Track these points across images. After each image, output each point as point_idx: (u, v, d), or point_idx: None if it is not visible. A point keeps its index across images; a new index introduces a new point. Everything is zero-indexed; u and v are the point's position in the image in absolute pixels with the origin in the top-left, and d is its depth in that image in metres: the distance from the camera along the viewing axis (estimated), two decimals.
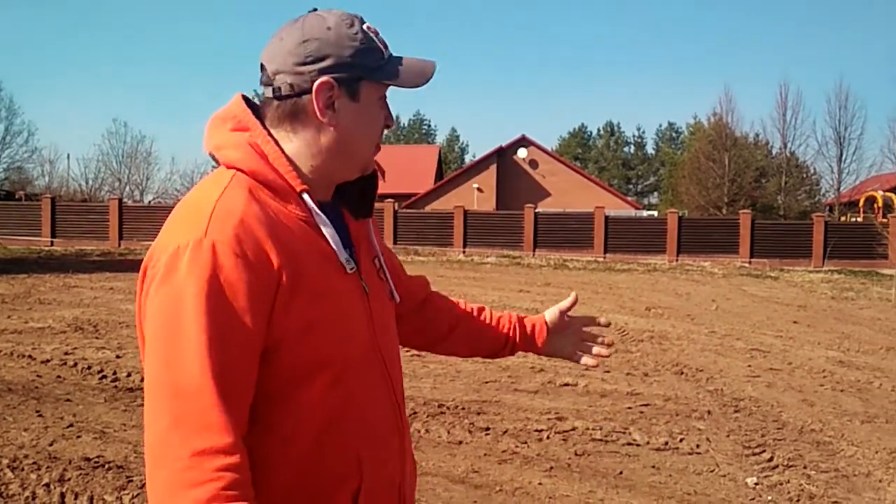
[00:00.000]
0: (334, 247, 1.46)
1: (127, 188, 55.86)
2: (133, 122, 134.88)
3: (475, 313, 1.97)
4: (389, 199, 33.37)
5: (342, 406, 1.45)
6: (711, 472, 5.72)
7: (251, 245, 1.34)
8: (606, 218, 31.33)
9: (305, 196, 1.46)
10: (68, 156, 65.30)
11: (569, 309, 1.97)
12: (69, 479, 5.08)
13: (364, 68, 1.45)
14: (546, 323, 1.97)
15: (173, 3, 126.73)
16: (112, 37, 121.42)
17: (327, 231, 1.46)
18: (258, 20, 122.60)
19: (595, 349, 1.97)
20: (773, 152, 48.07)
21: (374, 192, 1.64)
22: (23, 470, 5.23)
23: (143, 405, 4.92)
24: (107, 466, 5.36)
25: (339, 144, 1.48)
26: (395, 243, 31.17)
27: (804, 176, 47.94)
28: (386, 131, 1.58)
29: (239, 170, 1.45)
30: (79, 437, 6.07)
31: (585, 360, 1.97)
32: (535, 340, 1.97)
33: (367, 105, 1.48)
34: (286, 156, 1.48)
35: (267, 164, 1.46)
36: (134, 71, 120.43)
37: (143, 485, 5.01)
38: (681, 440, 6.39)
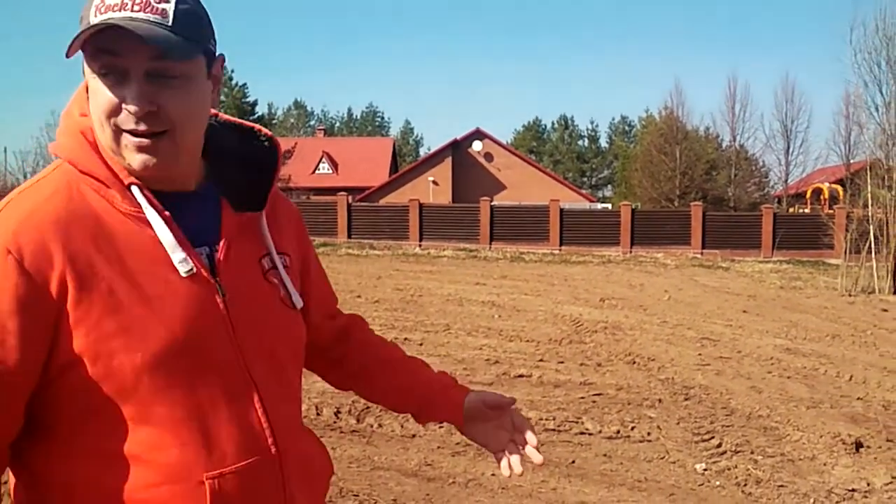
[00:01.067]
0: (165, 246, 1.26)
1: None
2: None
3: (400, 366, 1.71)
4: (342, 193, 33.30)
5: (160, 431, 1.25)
6: (662, 458, 5.82)
7: (31, 246, 1.19)
8: (561, 211, 31.58)
9: (134, 189, 1.28)
10: (5, 149, 64.20)
11: (495, 407, 1.64)
12: None
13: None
14: (462, 408, 1.65)
15: None
16: (43, 31, 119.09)
17: (157, 228, 1.27)
18: None
19: (515, 459, 1.62)
20: (723, 145, 48.87)
21: (265, 182, 1.45)
22: None
23: None
24: None
25: None
26: (349, 237, 31.07)
27: (753, 168, 48.77)
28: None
29: (68, 160, 1.30)
30: None
31: (503, 466, 1.63)
32: (454, 419, 1.66)
33: (88, 81, 1.28)
34: None
35: (95, 152, 1.29)
36: (68, 62, 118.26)
37: None
38: (632, 428, 6.49)
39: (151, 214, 1.27)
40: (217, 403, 1.29)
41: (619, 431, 6.40)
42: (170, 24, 1.23)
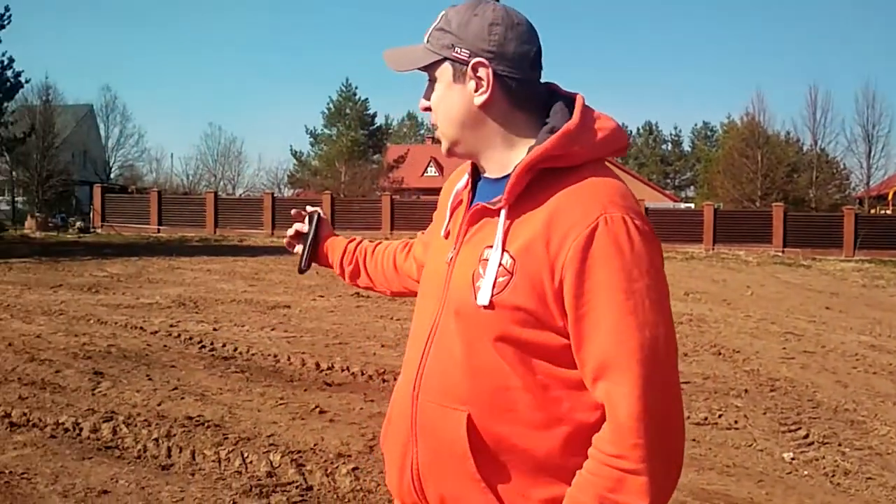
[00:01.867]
0: (448, 212, 1.55)
1: (221, 183, 56.90)
2: (226, 125, 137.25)
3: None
4: None
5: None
6: (749, 446, 5.56)
7: (443, 191, 1.64)
8: (647, 209, 30.81)
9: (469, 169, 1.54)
10: (172, 155, 67.62)
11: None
12: (174, 435, 5.16)
13: None
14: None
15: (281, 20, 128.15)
16: (205, 44, 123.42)
17: (450, 199, 1.56)
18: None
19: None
20: (804, 149, 46.71)
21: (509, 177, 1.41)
22: (135, 426, 5.34)
23: (236, 372, 4.94)
24: (206, 425, 5.44)
25: None
26: None
27: (834, 171, 46.47)
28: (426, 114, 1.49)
29: None
30: (182, 398, 6.17)
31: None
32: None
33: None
34: None
35: None
36: (228, 77, 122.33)
37: (238, 441, 5.08)
38: (720, 416, 6.22)
39: (456, 190, 1.55)
40: (417, 338, 1.49)
41: (706, 418, 6.15)
42: (426, 42, 1.44)
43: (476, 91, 1.39)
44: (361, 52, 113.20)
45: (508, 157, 1.42)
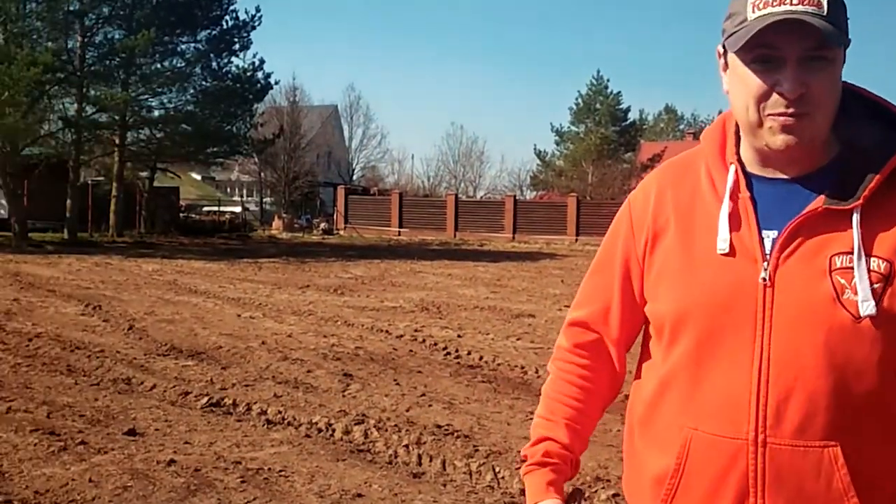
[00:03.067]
0: (720, 223, 1.39)
1: (461, 184, 59.06)
2: (468, 124, 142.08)
3: None
4: None
5: (673, 372, 1.43)
6: None
7: (638, 203, 1.54)
8: None
9: (731, 168, 1.42)
10: (412, 156, 71.81)
11: None
12: (425, 443, 5.44)
13: (725, 35, 1.40)
14: None
15: (507, 9, 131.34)
16: (453, 41, 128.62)
17: (724, 208, 1.39)
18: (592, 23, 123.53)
19: None
20: None
21: (867, 173, 1.35)
22: (386, 430, 5.70)
23: (482, 382, 5.13)
24: (455, 434, 5.68)
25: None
26: None
27: None
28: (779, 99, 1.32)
29: (700, 139, 1.54)
30: (430, 405, 6.49)
31: None
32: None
33: (733, 70, 1.39)
34: (737, 129, 1.45)
35: (720, 135, 1.49)
36: (472, 74, 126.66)
37: (489, 454, 5.24)
38: None
39: (725, 194, 1.40)
40: (715, 367, 1.37)
41: None
42: (825, 13, 1.30)
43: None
44: (614, 41, 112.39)
45: (825, 150, 1.38)
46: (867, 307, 1.29)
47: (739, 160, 1.42)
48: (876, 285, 1.29)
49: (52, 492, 4.43)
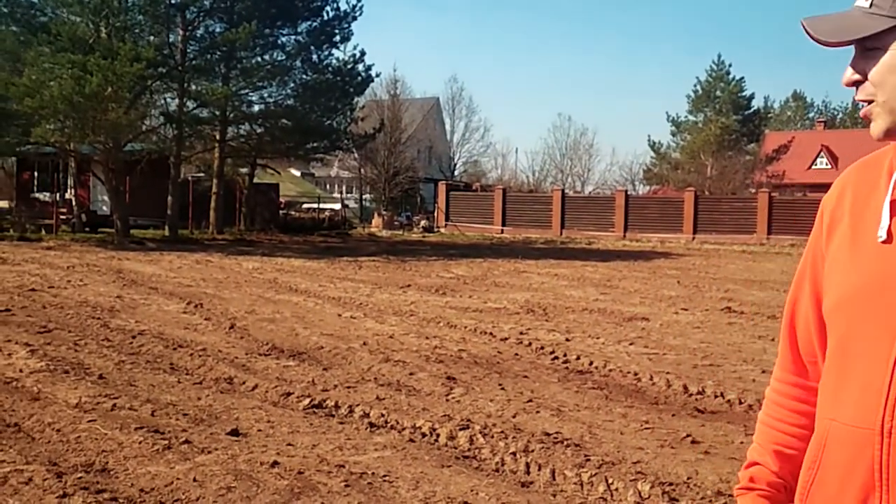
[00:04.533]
0: (883, 211, 1.43)
1: (568, 179, 58.69)
2: (576, 115, 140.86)
3: None
4: None
5: (826, 366, 1.48)
6: None
7: (831, 198, 1.55)
8: None
9: (889, 157, 1.47)
10: (517, 149, 71.81)
11: None
12: (532, 451, 5.44)
13: None
14: None
15: None
16: (560, 28, 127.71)
17: (888, 195, 1.43)
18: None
19: None
20: None
21: None
22: (492, 437, 5.73)
23: (593, 388, 5.11)
24: (565, 443, 5.66)
25: None
26: None
27: None
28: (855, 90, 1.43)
29: None
30: (538, 412, 6.49)
31: None
32: None
33: None
34: None
35: None
36: (581, 63, 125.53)
37: (601, 465, 5.21)
38: None
39: (884, 183, 1.45)
40: (859, 356, 1.39)
41: None
42: (868, 7, 1.39)
43: None
44: (737, 22, 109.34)
45: None
46: None
47: None
48: None
49: (156, 490, 4.63)
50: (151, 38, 27.61)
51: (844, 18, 1.40)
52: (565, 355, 8.71)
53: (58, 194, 30.22)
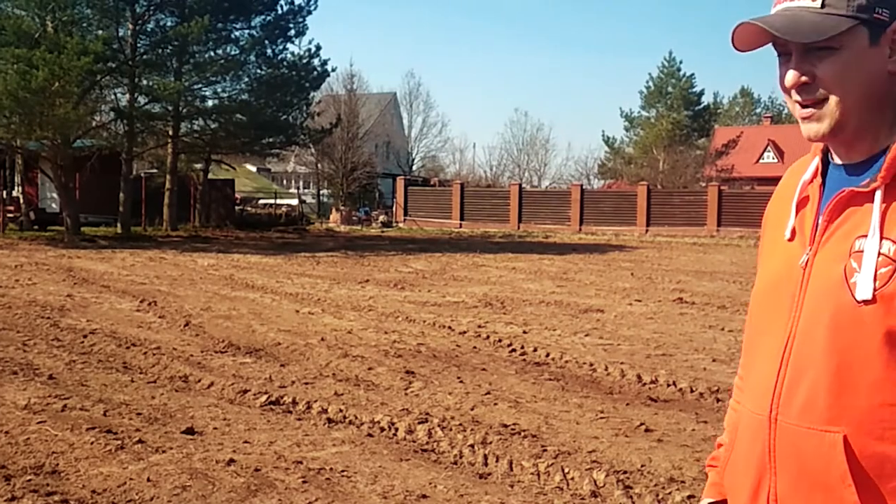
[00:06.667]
0: (791, 210, 1.50)
1: (525, 174, 58.94)
2: (533, 111, 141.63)
3: None
4: None
5: (743, 351, 1.59)
6: None
7: (773, 196, 1.62)
8: None
9: (816, 158, 1.50)
10: (474, 145, 72.36)
11: None
12: (490, 443, 5.45)
13: None
14: None
15: None
16: (516, 24, 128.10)
17: (797, 194, 1.50)
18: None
19: None
20: None
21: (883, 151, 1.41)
22: (450, 430, 5.72)
23: (550, 380, 5.14)
24: (522, 434, 5.67)
25: None
26: None
27: None
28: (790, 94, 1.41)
29: None
30: (496, 404, 6.49)
31: None
32: None
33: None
34: None
35: None
36: (537, 59, 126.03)
37: (557, 454, 5.23)
38: None
39: (801, 182, 1.51)
40: (765, 354, 1.46)
41: None
42: (819, 6, 1.37)
43: (891, 56, 1.37)
44: (687, 20, 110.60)
45: (884, 134, 1.40)
46: (864, 291, 1.32)
47: (827, 149, 1.49)
48: (883, 269, 1.31)
49: (109, 491, 4.55)
50: (100, 32, 27.08)
51: (795, 20, 1.38)
52: (523, 347, 8.73)
53: (4, 192, 29.57)
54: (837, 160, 1.45)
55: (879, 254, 1.32)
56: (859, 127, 1.39)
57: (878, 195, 1.35)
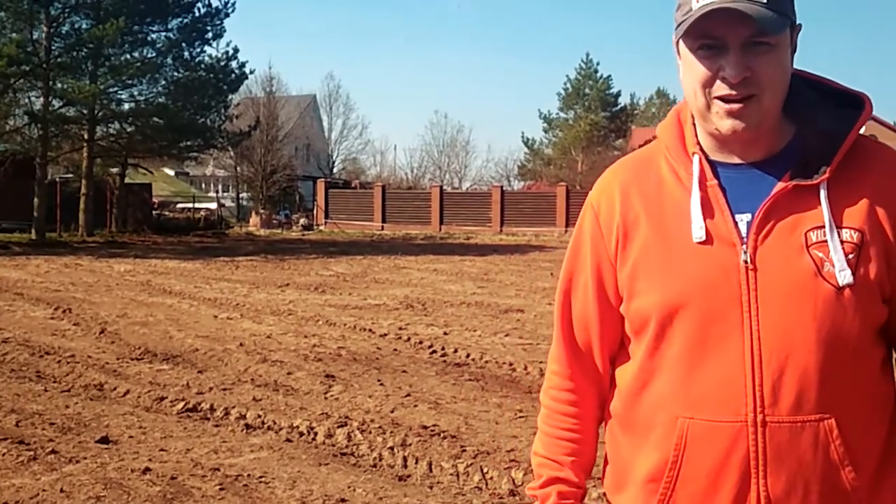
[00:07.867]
0: (692, 212, 1.45)
1: (446, 175, 59.08)
2: (453, 113, 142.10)
3: None
4: None
5: (662, 366, 1.46)
6: None
7: (603, 204, 1.56)
8: None
9: (695, 159, 1.48)
10: (395, 147, 72.20)
11: None
12: (410, 445, 5.46)
13: (675, 24, 1.47)
14: None
15: None
16: (435, 27, 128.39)
17: (695, 197, 1.45)
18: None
19: None
20: None
21: (831, 149, 1.43)
22: (370, 433, 5.71)
23: (470, 381, 5.22)
24: (442, 435, 5.70)
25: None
26: None
27: None
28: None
29: (656, 134, 1.60)
30: (416, 406, 6.51)
31: None
32: None
33: (683, 58, 1.46)
34: (693, 119, 1.52)
35: (677, 128, 1.55)
36: (456, 61, 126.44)
37: (476, 454, 5.27)
38: None
39: (693, 183, 1.46)
40: (710, 355, 1.42)
41: None
42: (765, 1, 1.37)
43: (791, 58, 1.45)
44: (603, 21, 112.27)
45: (783, 132, 1.47)
46: (844, 276, 1.37)
47: (701, 149, 1.49)
48: (850, 255, 1.38)
49: (21, 503, 4.42)
50: (14, 34, 26.25)
51: (756, 11, 1.36)
52: (443, 349, 8.76)
53: None
54: (728, 160, 1.46)
55: (843, 241, 1.39)
56: (772, 125, 1.44)
57: (824, 188, 1.40)
